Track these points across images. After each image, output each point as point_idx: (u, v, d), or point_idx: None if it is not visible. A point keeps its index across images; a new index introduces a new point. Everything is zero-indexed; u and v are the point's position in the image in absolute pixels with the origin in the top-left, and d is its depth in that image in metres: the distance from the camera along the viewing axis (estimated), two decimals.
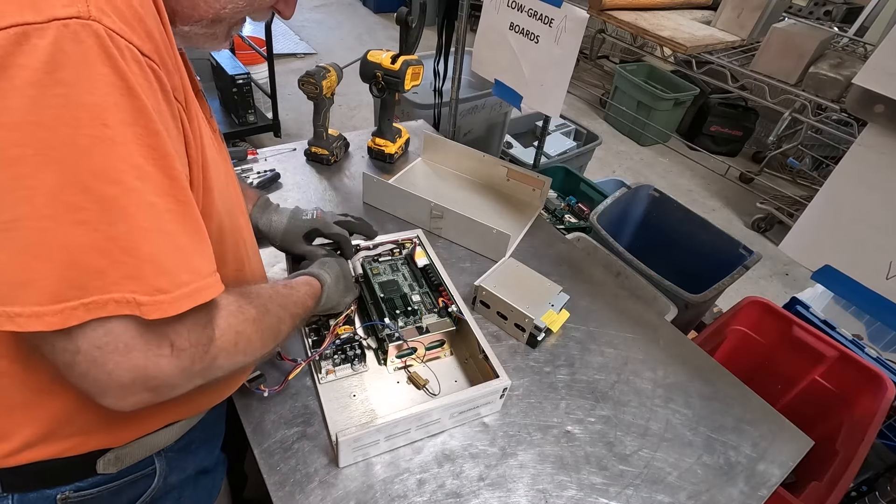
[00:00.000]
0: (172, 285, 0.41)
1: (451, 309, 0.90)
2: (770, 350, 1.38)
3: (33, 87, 0.35)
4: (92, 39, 0.36)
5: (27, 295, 0.38)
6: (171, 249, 0.42)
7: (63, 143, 0.37)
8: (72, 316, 0.38)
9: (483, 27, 1.27)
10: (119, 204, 0.39)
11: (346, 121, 3.21)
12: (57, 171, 0.37)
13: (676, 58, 2.55)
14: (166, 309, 0.41)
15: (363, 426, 0.69)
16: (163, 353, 0.43)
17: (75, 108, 0.37)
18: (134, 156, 0.39)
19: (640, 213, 1.82)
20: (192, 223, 0.44)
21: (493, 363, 0.80)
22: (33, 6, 0.35)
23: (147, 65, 0.40)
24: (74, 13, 0.36)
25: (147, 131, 0.40)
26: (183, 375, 0.45)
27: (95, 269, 0.39)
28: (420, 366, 0.87)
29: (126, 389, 0.43)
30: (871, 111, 0.73)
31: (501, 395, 0.81)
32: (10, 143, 0.36)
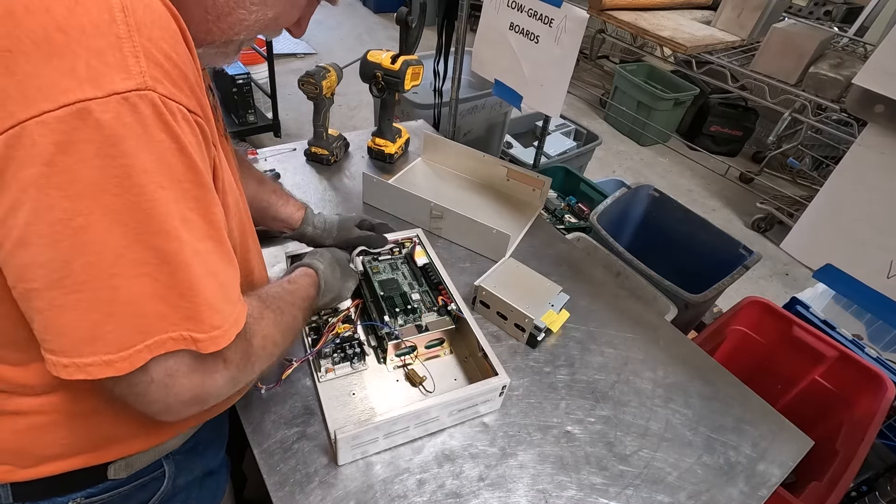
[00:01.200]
0: (223, 321, 0.46)
1: (450, 307, 0.90)
2: (770, 350, 1.38)
3: (98, 158, 0.37)
4: (149, 109, 0.38)
5: (97, 347, 0.41)
6: (218, 288, 0.46)
7: (127, 208, 0.39)
8: (137, 358, 0.42)
9: (483, 27, 1.27)
10: (178, 257, 0.42)
11: (346, 121, 3.21)
12: (122, 234, 0.39)
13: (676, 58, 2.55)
14: (220, 342, 0.46)
15: (362, 423, 0.69)
16: (218, 368, 0.48)
17: (137, 176, 0.39)
18: (184, 210, 0.43)
19: (640, 213, 1.82)
20: (227, 257, 0.48)
21: (493, 361, 0.81)
22: (93, 82, 0.36)
23: (194, 121, 0.43)
24: (133, 86, 0.37)
25: (194, 185, 0.43)
26: (231, 385, 0.50)
27: (157, 314, 0.42)
28: (419, 364, 0.87)
29: (186, 406, 0.47)
30: (871, 111, 0.73)
31: (501, 393, 0.81)
32: (77, 212, 0.38)
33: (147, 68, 0.38)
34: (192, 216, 0.43)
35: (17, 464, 0.54)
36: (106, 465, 0.59)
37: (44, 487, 0.56)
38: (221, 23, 0.51)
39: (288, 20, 0.57)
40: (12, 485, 0.55)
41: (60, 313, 0.40)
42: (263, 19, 0.53)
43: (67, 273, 0.39)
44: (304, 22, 0.60)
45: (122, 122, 0.37)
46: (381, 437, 0.73)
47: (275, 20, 0.55)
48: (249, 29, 0.53)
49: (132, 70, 0.38)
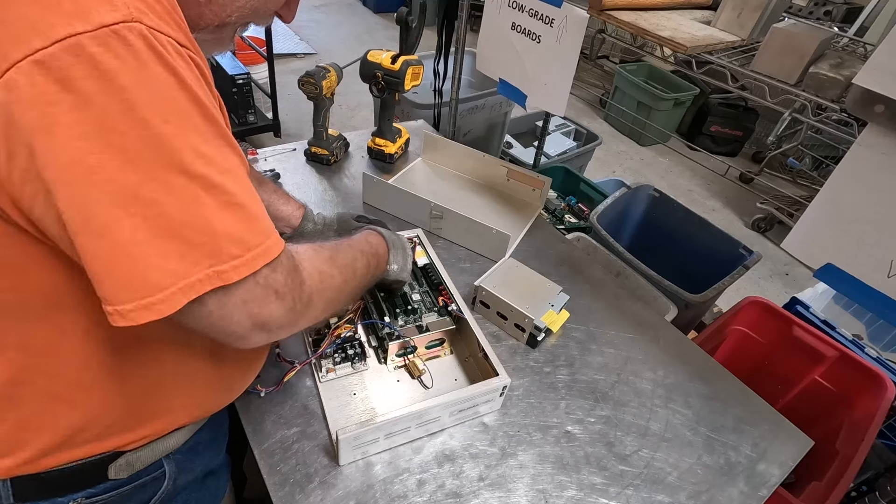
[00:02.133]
0: (245, 250, 0.45)
1: (450, 308, 0.90)
2: (770, 350, 1.38)
3: (99, 95, 0.37)
4: (140, 41, 0.38)
5: (132, 291, 0.41)
6: (239, 219, 0.45)
7: (135, 144, 0.38)
8: (174, 301, 0.42)
9: (485, 27, 1.27)
10: (189, 191, 0.41)
11: (346, 121, 3.21)
12: (134, 171, 0.39)
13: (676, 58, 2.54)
14: (243, 271, 0.45)
15: (363, 424, 0.69)
16: (270, 300, 0.48)
17: (139, 110, 0.38)
18: (196, 144, 0.42)
19: (640, 213, 1.82)
20: (249, 190, 0.47)
21: (493, 361, 0.81)
22: (81, 16, 0.36)
23: (186, 55, 0.42)
24: (119, 18, 0.37)
25: (202, 118, 0.42)
26: (289, 315, 0.50)
27: (179, 254, 0.42)
28: (419, 363, 0.87)
29: (249, 333, 0.48)
30: (871, 111, 0.73)
31: (501, 394, 0.81)
32: (89, 151, 0.37)
33: (131, 1, 0.38)
34: (205, 149, 0.42)
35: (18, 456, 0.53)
36: (106, 465, 0.59)
37: (44, 486, 0.56)
38: (213, 4, 0.50)
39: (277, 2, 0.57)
40: (13, 482, 0.55)
41: (94, 259, 0.40)
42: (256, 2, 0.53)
43: (89, 216, 0.39)
44: (294, 5, 0.60)
45: (116, 54, 0.37)
46: (381, 438, 0.73)
47: (266, 4, 0.55)
48: (241, 10, 0.53)
49: (116, 2, 0.37)
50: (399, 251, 0.81)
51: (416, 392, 0.84)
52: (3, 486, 0.54)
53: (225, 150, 0.44)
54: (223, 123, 0.45)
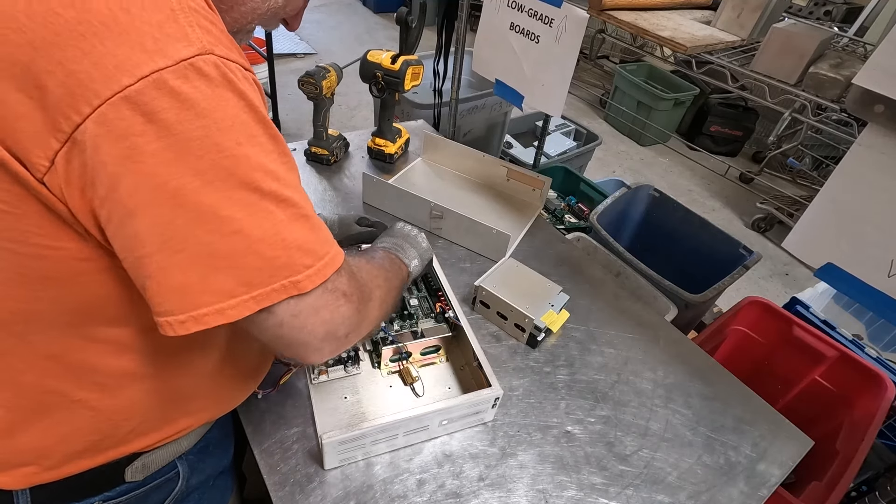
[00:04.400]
0: (316, 259, 0.47)
1: (447, 314, 0.88)
2: (770, 350, 1.38)
3: (179, 123, 0.40)
4: (214, 70, 0.41)
5: (207, 298, 0.43)
6: (308, 231, 0.47)
7: (211, 167, 0.41)
8: (244, 308, 0.44)
9: (483, 27, 1.27)
10: (261, 207, 0.44)
11: (346, 121, 3.21)
12: (211, 192, 0.42)
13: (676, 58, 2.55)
14: (316, 279, 0.47)
15: (349, 428, 0.68)
16: (340, 303, 0.50)
17: (214, 135, 0.41)
18: (264, 162, 0.44)
19: (640, 213, 1.82)
20: (310, 205, 0.50)
21: (487, 371, 0.79)
22: (161, 53, 0.39)
23: (251, 78, 0.46)
24: (195, 52, 0.40)
25: (268, 138, 0.45)
26: (357, 317, 0.53)
27: (254, 267, 0.44)
28: (413, 370, 0.86)
29: (323, 342, 0.50)
30: (871, 111, 0.72)
31: (494, 405, 0.79)
32: (171, 175, 0.40)
33: (202, 35, 0.41)
34: (273, 166, 0.45)
35: (42, 464, 0.54)
36: (122, 467, 0.60)
37: (62, 491, 0.57)
38: (234, 12, 0.53)
39: (294, 8, 0.59)
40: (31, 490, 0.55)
41: (170, 274, 0.42)
42: (274, 7, 0.55)
43: (171, 234, 0.41)
44: (301, 14, 0.62)
45: (193, 85, 0.40)
46: (368, 443, 0.71)
47: (283, 8, 0.57)
48: (261, 17, 0.55)
49: (191, 38, 0.40)
50: (408, 248, 0.82)
51: (407, 399, 0.83)
52: (23, 493, 0.55)
53: (288, 164, 0.47)
54: (282, 138, 0.47)
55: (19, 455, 0.53)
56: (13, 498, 0.55)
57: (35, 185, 0.40)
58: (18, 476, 0.54)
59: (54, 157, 0.39)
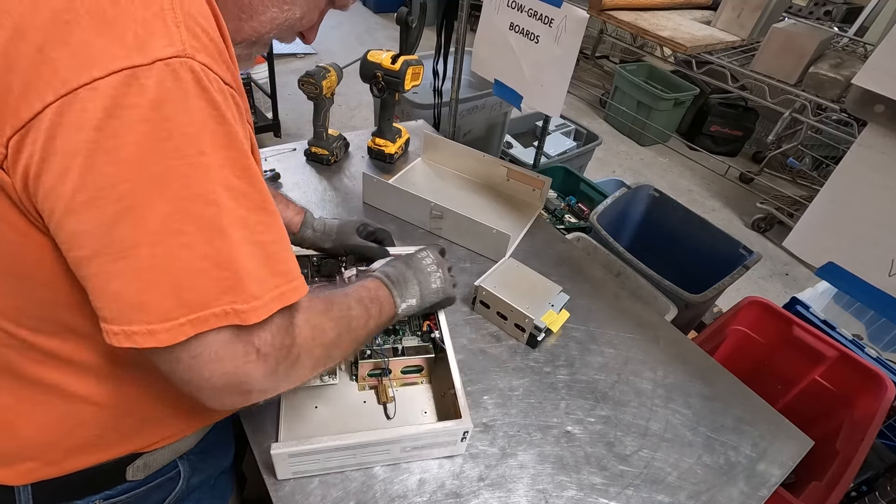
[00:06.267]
0: (264, 290, 0.45)
1: (434, 335, 0.83)
2: (770, 350, 1.38)
3: (143, 123, 0.38)
4: (189, 75, 0.39)
5: (142, 315, 0.41)
6: (263, 258, 0.45)
7: (168, 173, 0.40)
8: (180, 332, 0.42)
9: (483, 27, 1.27)
10: (215, 223, 0.42)
11: (346, 121, 3.21)
12: (164, 200, 0.40)
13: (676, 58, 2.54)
14: (260, 313, 0.44)
15: (301, 442, 0.65)
16: (249, 359, 0.46)
17: (178, 139, 0.40)
18: (228, 177, 0.43)
19: (640, 213, 1.82)
20: (277, 227, 0.47)
21: (460, 402, 0.73)
22: (139, 49, 0.38)
23: (229, 93, 0.44)
24: (175, 52, 0.39)
25: (237, 153, 0.43)
26: (270, 378, 0.48)
27: (198, 287, 0.42)
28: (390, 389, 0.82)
29: (220, 392, 0.46)
30: (871, 111, 0.72)
31: (463, 439, 0.74)
32: (122, 178, 0.39)
33: (187, 38, 0.40)
34: (237, 184, 0.43)
35: (43, 459, 0.54)
36: (124, 466, 0.60)
37: (64, 489, 0.57)
38: (254, 21, 0.52)
39: (309, 21, 0.59)
40: (33, 486, 0.55)
41: (108, 280, 0.41)
42: (292, 18, 0.55)
43: (113, 239, 0.40)
44: (317, 27, 0.62)
45: (164, 86, 0.38)
46: (322, 460, 0.69)
47: (300, 20, 0.57)
48: (279, 28, 0.55)
49: (174, 38, 0.39)
50: (408, 284, 0.74)
51: (378, 417, 0.79)
52: (25, 490, 0.55)
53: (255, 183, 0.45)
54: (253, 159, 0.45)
55: (22, 449, 0.53)
56: (15, 496, 0.55)
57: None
58: (21, 471, 0.54)
59: (7, 142, 0.38)
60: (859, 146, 0.76)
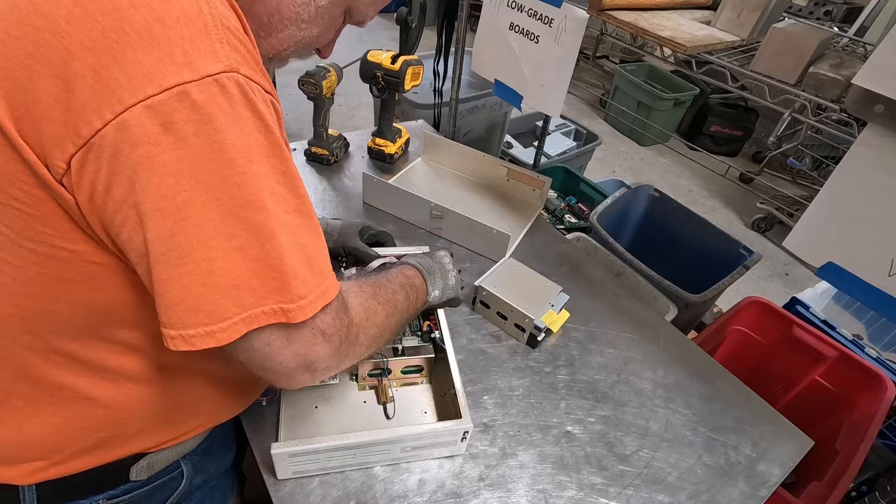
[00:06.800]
0: (309, 291, 0.47)
1: (434, 335, 0.83)
2: (770, 350, 1.38)
3: (195, 136, 0.40)
4: (236, 89, 0.42)
5: (199, 318, 0.44)
6: (305, 259, 0.47)
7: (220, 182, 0.42)
8: (234, 330, 0.44)
9: (483, 27, 1.27)
10: (265, 228, 0.44)
11: (346, 121, 3.21)
12: (217, 208, 0.42)
13: (676, 58, 2.55)
14: (307, 311, 0.47)
15: (300, 442, 0.66)
16: (317, 341, 0.50)
17: (228, 151, 0.42)
18: (272, 184, 0.45)
19: (640, 213, 1.82)
20: (316, 231, 0.50)
21: (460, 402, 0.74)
22: (189, 66, 0.40)
23: (270, 101, 0.46)
24: (222, 68, 0.41)
25: (280, 160, 0.46)
26: (335, 356, 0.52)
27: (249, 287, 0.44)
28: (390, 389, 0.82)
29: (294, 373, 0.50)
30: (871, 111, 0.72)
31: (463, 439, 0.74)
32: (180, 188, 0.41)
33: (230, 53, 0.42)
34: (280, 189, 0.45)
35: (51, 459, 0.55)
36: (128, 466, 0.60)
37: (68, 488, 0.57)
38: (272, 38, 0.54)
39: (326, 39, 0.61)
40: (38, 486, 0.56)
41: (168, 287, 0.43)
42: (309, 37, 0.57)
43: (172, 247, 0.42)
44: (333, 43, 0.63)
45: (214, 101, 0.40)
46: (322, 459, 0.69)
47: (317, 38, 0.58)
48: (297, 45, 0.57)
49: (220, 54, 0.41)
50: (436, 276, 0.78)
51: (378, 417, 0.79)
52: (29, 489, 0.55)
53: (295, 189, 0.47)
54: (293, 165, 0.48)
55: (30, 449, 0.54)
56: (20, 495, 0.55)
57: (55, 186, 0.41)
58: (27, 470, 0.54)
59: (70, 159, 0.40)
60: (859, 146, 0.76)
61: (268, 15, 0.53)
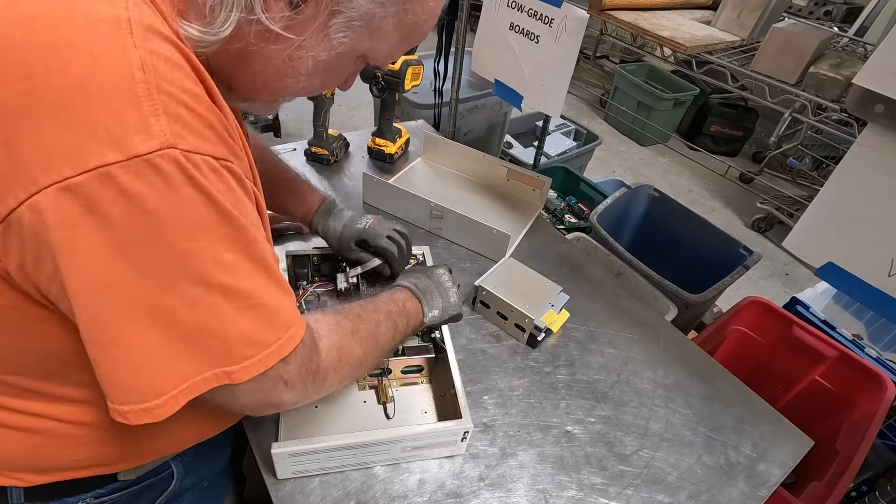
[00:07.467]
0: (258, 349, 0.46)
1: (434, 335, 0.84)
2: (770, 350, 1.38)
3: (125, 217, 0.37)
4: (172, 167, 0.38)
5: (131, 396, 0.42)
6: (259, 320, 0.46)
7: (154, 262, 0.39)
8: (174, 403, 0.43)
9: (483, 27, 1.27)
10: (205, 301, 0.42)
11: (346, 121, 3.21)
12: (149, 287, 0.40)
13: (676, 58, 2.55)
14: (252, 371, 0.46)
15: (301, 442, 0.66)
16: (278, 388, 0.49)
17: (164, 232, 0.39)
18: (220, 255, 0.42)
19: (640, 213, 1.82)
20: (274, 285, 0.48)
21: (461, 403, 0.74)
22: (114, 144, 0.36)
23: (223, 166, 0.42)
24: (155, 147, 0.37)
25: (230, 229, 0.42)
26: (300, 398, 0.53)
27: (188, 358, 0.43)
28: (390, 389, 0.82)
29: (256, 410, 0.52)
30: (871, 111, 0.72)
31: (463, 439, 0.74)
32: (105, 270, 0.38)
33: (168, 125, 0.38)
34: (230, 257, 0.43)
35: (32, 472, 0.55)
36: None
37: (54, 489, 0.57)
38: (269, 87, 0.51)
39: (334, 84, 0.58)
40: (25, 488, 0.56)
41: (98, 366, 0.42)
42: (309, 86, 0.53)
43: (99, 329, 0.41)
44: (352, 79, 0.60)
45: (146, 182, 0.37)
46: (323, 458, 0.69)
47: (322, 86, 0.55)
48: (297, 94, 0.54)
49: (153, 130, 0.37)
50: (434, 295, 0.77)
51: (378, 417, 0.80)
52: (17, 490, 0.55)
53: (251, 252, 0.45)
54: (253, 227, 0.45)
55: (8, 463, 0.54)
56: (7, 493, 0.55)
57: None
58: (11, 478, 0.54)
59: None
60: (859, 146, 0.76)
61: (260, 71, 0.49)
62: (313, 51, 0.48)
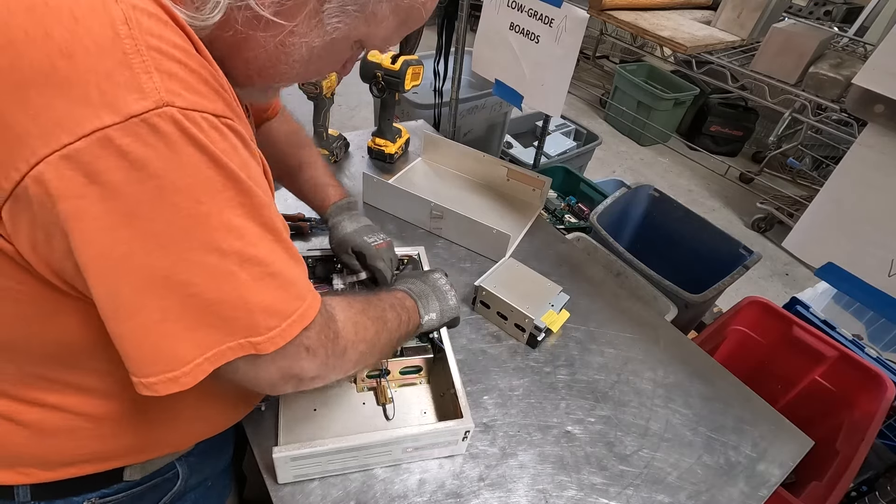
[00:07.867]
0: (281, 319, 0.46)
1: (432, 335, 0.84)
2: (770, 350, 1.38)
3: (129, 184, 0.36)
4: (171, 126, 0.37)
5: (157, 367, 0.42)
6: (276, 289, 0.45)
7: (164, 229, 0.38)
8: (199, 371, 0.43)
9: (483, 27, 1.27)
10: (221, 269, 0.41)
11: (346, 121, 3.21)
12: (164, 256, 0.39)
13: (676, 58, 2.55)
14: (278, 341, 0.46)
15: (302, 445, 0.65)
16: (301, 356, 0.49)
17: (170, 196, 0.38)
18: (229, 219, 0.41)
19: (640, 213, 1.82)
20: (287, 254, 0.47)
21: (461, 402, 0.74)
22: (109, 107, 0.35)
23: (224, 124, 0.41)
24: (151, 105, 0.36)
25: (237, 192, 0.41)
26: (322, 368, 0.52)
27: (210, 327, 0.43)
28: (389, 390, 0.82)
29: (278, 385, 0.50)
30: (871, 111, 0.72)
31: (464, 438, 0.74)
32: (117, 241, 0.38)
33: (161, 82, 0.36)
34: (240, 222, 0.42)
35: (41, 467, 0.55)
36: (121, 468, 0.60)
37: (61, 488, 0.57)
38: (263, 73, 0.50)
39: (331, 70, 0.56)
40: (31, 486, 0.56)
41: (121, 341, 0.42)
42: (305, 73, 0.52)
43: (119, 303, 0.40)
44: (350, 64, 0.59)
45: (145, 143, 0.36)
46: (324, 462, 0.69)
47: (318, 72, 0.54)
48: (292, 80, 0.53)
49: (146, 88, 0.36)
50: (430, 299, 0.77)
51: (377, 419, 0.79)
52: (23, 488, 0.56)
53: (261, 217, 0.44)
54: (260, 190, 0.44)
55: (18, 458, 0.54)
56: (13, 491, 0.55)
57: None
58: (19, 473, 0.54)
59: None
60: (859, 146, 0.76)
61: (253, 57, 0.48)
62: (306, 37, 0.47)
